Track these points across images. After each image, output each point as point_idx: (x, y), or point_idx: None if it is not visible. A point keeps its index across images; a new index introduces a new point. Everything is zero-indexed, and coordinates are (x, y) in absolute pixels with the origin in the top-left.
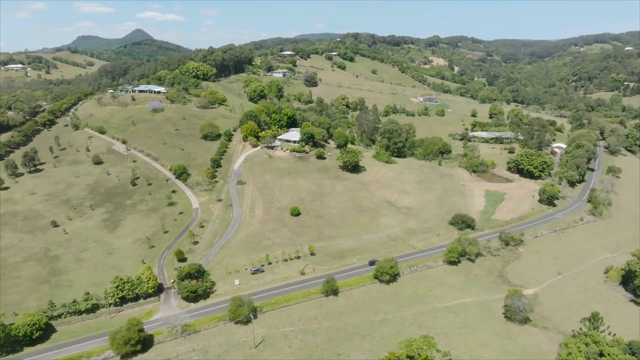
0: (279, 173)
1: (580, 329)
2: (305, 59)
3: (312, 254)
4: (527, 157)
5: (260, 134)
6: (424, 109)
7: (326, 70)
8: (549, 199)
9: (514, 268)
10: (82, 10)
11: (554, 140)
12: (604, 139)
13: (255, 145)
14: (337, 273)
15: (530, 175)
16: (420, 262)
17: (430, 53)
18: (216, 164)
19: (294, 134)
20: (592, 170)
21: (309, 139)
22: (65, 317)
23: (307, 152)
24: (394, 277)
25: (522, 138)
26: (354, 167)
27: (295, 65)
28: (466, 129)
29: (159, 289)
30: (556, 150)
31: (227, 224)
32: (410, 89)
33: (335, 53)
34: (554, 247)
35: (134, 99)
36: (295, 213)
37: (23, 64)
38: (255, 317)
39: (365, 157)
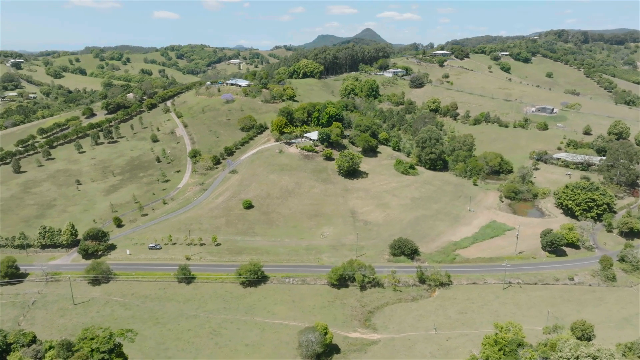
0: (273, 168)
1: None
2: (462, 59)
3: (217, 244)
4: (571, 191)
5: (285, 129)
6: (523, 121)
7: (476, 71)
8: (550, 245)
9: (395, 309)
10: (331, 12)
11: None
12: None
13: (277, 140)
14: (219, 266)
15: (572, 213)
16: (299, 276)
17: None
18: (227, 152)
19: (315, 134)
20: None
21: (324, 139)
22: (5, 248)
23: (316, 152)
24: (256, 282)
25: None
26: (352, 172)
27: (442, 65)
28: (558, 149)
29: (76, 243)
30: None
31: (185, 204)
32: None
33: (507, 53)
34: (479, 301)
35: (219, 91)
36: (247, 206)
37: (246, 58)
38: (107, 281)
39: (385, 165)
